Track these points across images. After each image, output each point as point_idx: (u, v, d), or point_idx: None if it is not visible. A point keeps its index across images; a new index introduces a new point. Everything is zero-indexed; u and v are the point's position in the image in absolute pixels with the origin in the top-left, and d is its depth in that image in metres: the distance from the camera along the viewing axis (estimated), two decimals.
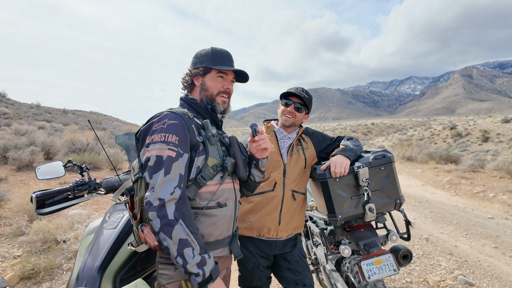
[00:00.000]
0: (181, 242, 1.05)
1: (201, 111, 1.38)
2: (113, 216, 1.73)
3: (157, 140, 1.14)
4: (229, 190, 1.32)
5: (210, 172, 1.23)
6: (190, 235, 1.07)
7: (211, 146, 1.28)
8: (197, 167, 1.22)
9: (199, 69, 1.38)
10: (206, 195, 1.23)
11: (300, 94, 1.89)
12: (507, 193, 7.13)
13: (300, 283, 1.84)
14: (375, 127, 68.28)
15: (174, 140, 1.14)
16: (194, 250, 1.07)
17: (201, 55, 1.40)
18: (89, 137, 10.43)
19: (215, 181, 1.26)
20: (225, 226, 1.29)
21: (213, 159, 1.26)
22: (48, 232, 3.92)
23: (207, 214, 1.23)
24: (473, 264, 3.82)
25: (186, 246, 1.05)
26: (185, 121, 1.21)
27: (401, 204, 1.81)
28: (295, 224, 1.93)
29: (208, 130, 1.28)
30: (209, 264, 1.10)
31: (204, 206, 1.22)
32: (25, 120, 17.41)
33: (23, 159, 7.55)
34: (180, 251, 1.05)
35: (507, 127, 20.24)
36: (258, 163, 1.46)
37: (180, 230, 1.05)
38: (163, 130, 1.15)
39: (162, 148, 1.12)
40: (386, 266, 1.71)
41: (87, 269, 1.41)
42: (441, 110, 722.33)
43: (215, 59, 1.37)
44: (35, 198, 1.60)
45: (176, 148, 1.14)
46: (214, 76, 1.38)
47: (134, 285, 1.25)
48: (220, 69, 1.36)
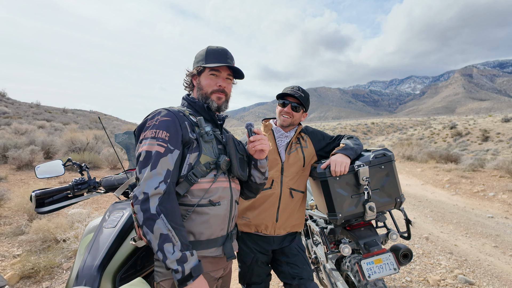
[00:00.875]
0: (161, 236, 1.05)
1: (199, 110, 1.40)
2: (112, 215, 1.72)
3: (148, 136, 1.18)
4: (223, 189, 1.30)
5: (202, 169, 1.23)
6: (171, 231, 1.07)
7: (205, 143, 1.27)
8: (189, 164, 1.22)
9: (194, 69, 1.42)
10: (198, 192, 1.22)
11: (296, 93, 1.90)
12: (507, 192, 7.13)
13: (297, 277, 1.82)
14: (375, 126, 68.28)
15: (164, 136, 1.16)
16: (174, 246, 1.06)
17: (198, 55, 1.43)
18: (88, 136, 10.43)
19: (208, 178, 1.25)
20: (217, 226, 1.27)
21: (206, 156, 1.26)
22: (48, 231, 3.92)
23: (198, 212, 1.22)
24: (473, 263, 3.82)
25: (166, 241, 1.06)
26: (178, 118, 1.23)
27: (401, 203, 1.81)
28: (293, 222, 1.93)
29: (202, 127, 1.28)
30: (190, 261, 1.08)
31: (195, 203, 1.21)
32: (25, 119, 17.41)
33: (23, 158, 7.55)
34: (160, 246, 1.05)
35: (507, 127, 20.24)
36: (257, 163, 1.43)
37: (161, 224, 1.06)
38: (154, 126, 1.19)
39: (151, 144, 1.15)
40: (386, 265, 1.71)
41: (87, 268, 1.40)
42: (441, 109, 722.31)
43: (208, 57, 1.38)
44: (35, 197, 1.60)
45: (166, 144, 1.16)
46: (207, 74, 1.39)
47: (133, 284, 1.25)
48: (210, 66, 1.36)
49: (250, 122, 1.36)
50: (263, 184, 1.53)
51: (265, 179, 1.52)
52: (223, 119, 1.48)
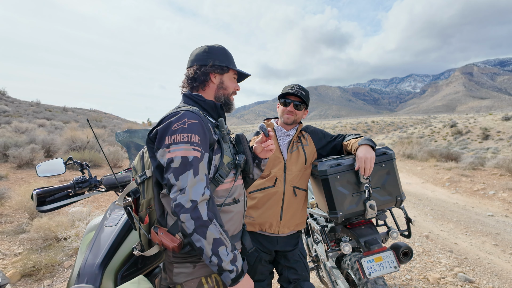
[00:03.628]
0: (215, 241, 1.07)
1: (209, 109, 1.35)
2: (113, 214, 1.73)
3: (179, 140, 1.10)
4: (240, 186, 1.36)
5: (226, 170, 1.26)
6: (223, 234, 1.09)
7: (224, 144, 1.30)
8: (215, 166, 1.23)
9: (217, 67, 1.35)
10: (222, 192, 1.26)
11: (297, 92, 1.92)
12: (507, 190, 7.13)
13: (293, 282, 1.87)
14: (375, 125, 68.24)
15: (197, 140, 1.13)
16: (227, 248, 1.10)
17: (217, 52, 1.37)
18: (89, 135, 10.43)
19: (229, 178, 1.29)
20: (239, 221, 1.33)
21: (227, 157, 1.28)
22: (48, 229, 3.93)
23: (225, 211, 1.26)
24: (473, 261, 3.83)
25: (220, 245, 1.08)
26: (202, 120, 1.20)
27: (402, 201, 1.81)
28: (297, 221, 1.94)
29: (223, 128, 1.29)
30: (239, 259, 1.14)
31: (221, 203, 1.25)
32: (25, 118, 17.41)
33: (23, 157, 7.55)
34: (215, 250, 1.07)
35: (507, 125, 20.22)
36: (261, 162, 1.51)
37: (214, 230, 1.07)
38: (184, 130, 1.12)
39: (187, 149, 1.09)
40: (386, 263, 1.72)
41: (88, 266, 1.41)
42: (441, 108, 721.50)
43: (230, 59, 1.41)
44: (36, 195, 1.60)
45: (200, 148, 1.13)
46: (231, 76, 1.43)
47: (135, 281, 1.25)
48: (239, 71, 1.43)
49: (263, 124, 1.44)
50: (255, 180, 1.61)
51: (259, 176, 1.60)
52: None
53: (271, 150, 1.45)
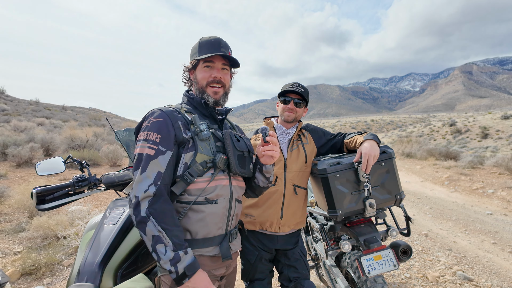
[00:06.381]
0: (154, 238, 1.07)
1: (197, 106, 1.36)
2: (113, 212, 1.73)
3: (141, 138, 1.19)
4: (222, 187, 1.26)
5: (198, 168, 1.19)
6: (162, 232, 1.07)
7: (201, 142, 1.23)
8: (185, 164, 1.20)
9: (190, 64, 1.39)
10: (195, 191, 1.21)
11: (297, 90, 1.92)
12: (506, 189, 7.15)
13: (294, 280, 1.87)
14: (374, 123, 68.24)
15: (155, 138, 1.16)
16: (166, 247, 1.07)
17: (193, 49, 1.38)
18: (88, 133, 10.42)
19: (205, 177, 1.22)
20: (214, 224, 1.24)
21: (203, 155, 1.22)
22: (48, 228, 3.92)
23: (195, 210, 1.21)
24: (472, 260, 3.84)
25: (158, 242, 1.07)
26: (170, 118, 1.21)
27: (401, 199, 1.82)
28: (297, 219, 1.95)
29: (196, 125, 1.24)
30: (184, 261, 1.08)
31: (192, 201, 1.20)
32: (24, 117, 17.37)
33: (22, 155, 7.55)
34: (154, 247, 1.07)
35: (506, 124, 20.25)
36: (263, 168, 1.39)
37: (152, 227, 1.07)
38: (147, 128, 1.19)
39: (143, 146, 1.16)
40: (386, 262, 1.72)
41: (88, 265, 1.41)
42: (440, 106, 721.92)
43: (201, 49, 1.33)
44: (35, 194, 1.59)
45: (156, 146, 1.15)
46: (202, 67, 1.34)
47: (135, 280, 1.25)
48: (202, 58, 1.30)
49: (265, 127, 1.36)
50: (266, 188, 1.50)
51: (269, 184, 1.48)
52: (225, 113, 1.42)
53: (273, 157, 1.32)
